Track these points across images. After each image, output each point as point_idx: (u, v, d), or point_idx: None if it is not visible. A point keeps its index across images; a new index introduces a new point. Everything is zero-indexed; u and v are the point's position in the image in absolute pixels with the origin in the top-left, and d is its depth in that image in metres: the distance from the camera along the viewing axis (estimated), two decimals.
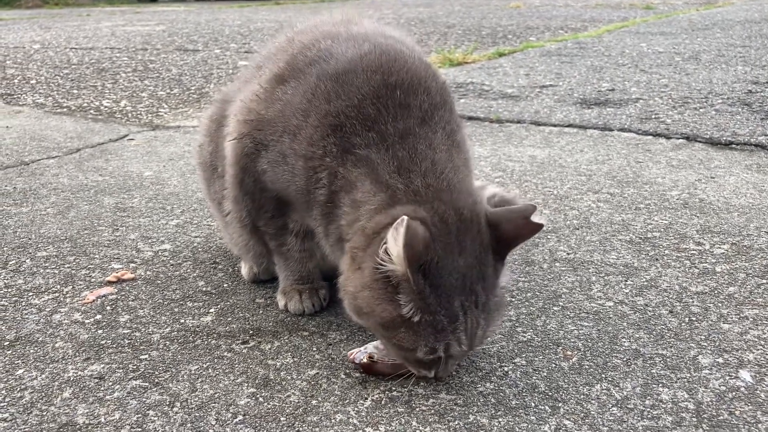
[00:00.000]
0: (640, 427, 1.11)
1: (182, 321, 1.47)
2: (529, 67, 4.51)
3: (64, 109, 3.75)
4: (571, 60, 4.76)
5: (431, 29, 6.71)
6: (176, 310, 1.52)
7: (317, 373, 1.27)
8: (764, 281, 1.59)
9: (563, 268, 1.68)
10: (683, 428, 1.11)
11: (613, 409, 1.16)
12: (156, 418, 1.15)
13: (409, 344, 1.13)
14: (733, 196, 2.14)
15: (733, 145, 2.68)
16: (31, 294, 1.60)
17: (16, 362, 1.32)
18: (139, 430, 1.13)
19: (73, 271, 1.71)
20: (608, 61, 4.68)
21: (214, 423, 1.14)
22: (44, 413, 1.17)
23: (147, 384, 1.25)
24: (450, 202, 1.14)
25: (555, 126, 3.08)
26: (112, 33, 7.02)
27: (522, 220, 1.14)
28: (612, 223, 1.95)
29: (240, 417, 1.15)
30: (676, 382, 1.22)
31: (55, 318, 1.49)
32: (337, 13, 1.52)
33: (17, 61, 5.28)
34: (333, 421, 1.14)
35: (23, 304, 1.55)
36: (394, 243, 1.05)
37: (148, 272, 1.71)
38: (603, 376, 1.25)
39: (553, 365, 1.29)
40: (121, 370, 1.29)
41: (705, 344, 1.34)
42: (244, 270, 1.65)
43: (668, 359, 1.30)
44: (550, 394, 1.20)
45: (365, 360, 1.26)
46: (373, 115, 1.21)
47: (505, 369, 1.28)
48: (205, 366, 1.30)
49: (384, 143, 1.20)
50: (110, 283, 1.65)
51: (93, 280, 1.67)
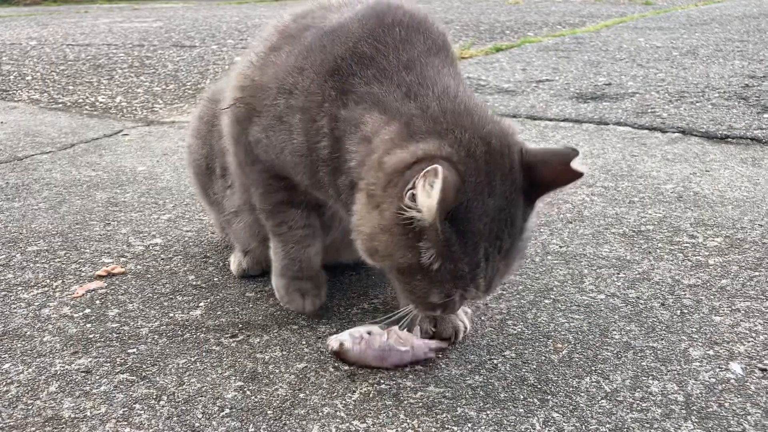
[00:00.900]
0: (629, 420, 1.10)
1: (171, 315, 1.46)
2: (526, 62, 4.50)
3: (59, 105, 3.74)
4: (568, 55, 4.74)
5: None
6: (166, 304, 1.51)
7: (306, 367, 1.27)
8: (756, 274, 1.58)
9: (555, 262, 1.67)
10: (672, 420, 1.10)
11: (603, 401, 1.15)
12: (142, 412, 1.15)
13: (423, 291, 1.08)
14: (728, 189, 2.13)
15: (729, 139, 2.67)
16: (20, 288, 1.59)
17: (2, 356, 1.31)
18: (125, 423, 1.12)
19: (63, 266, 1.71)
20: (605, 55, 4.66)
21: (200, 416, 1.13)
22: (30, 407, 1.16)
23: (134, 378, 1.24)
24: (474, 128, 1.06)
25: (551, 120, 3.07)
26: (109, 29, 7.00)
27: (561, 165, 1.04)
28: (605, 216, 1.94)
29: (227, 410, 1.15)
30: (666, 375, 1.22)
31: (44, 312, 1.48)
32: None
33: (13, 57, 5.27)
34: (320, 414, 1.13)
35: (12, 298, 1.54)
36: (425, 195, 0.97)
37: (138, 266, 1.70)
38: (593, 368, 1.24)
39: (543, 358, 1.28)
40: (108, 364, 1.28)
41: (696, 336, 1.33)
42: (233, 265, 1.64)
43: (659, 352, 1.29)
44: (539, 386, 1.19)
45: (335, 347, 1.26)
46: (369, 53, 1.17)
47: (495, 361, 1.27)
48: (193, 360, 1.30)
49: (385, 75, 1.14)
50: (100, 277, 1.64)
51: (83, 274, 1.66)
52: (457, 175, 1.00)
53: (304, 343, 1.35)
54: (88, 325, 1.42)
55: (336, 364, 1.27)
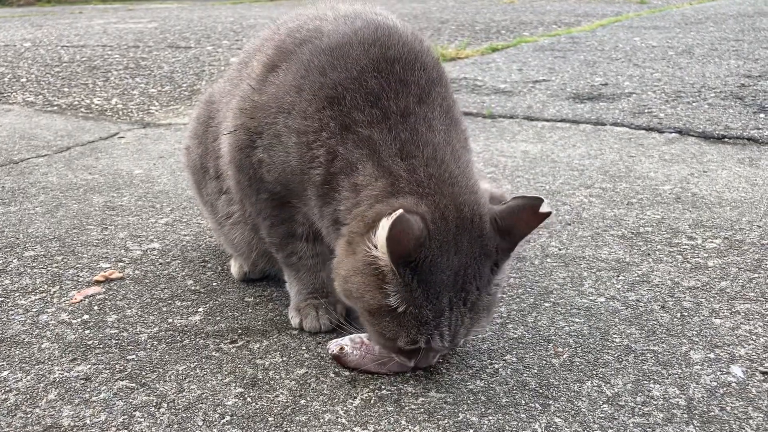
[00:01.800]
0: (631, 424, 1.10)
1: (170, 320, 1.46)
2: (522, 62, 4.50)
3: (55, 108, 3.73)
4: (564, 55, 4.74)
5: (425, 24, 6.69)
6: (164, 309, 1.50)
7: (306, 372, 1.26)
8: (756, 275, 1.58)
9: (555, 264, 1.67)
10: (674, 425, 1.10)
11: (604, 406, 1.15)
12: (142, 420, 1.14)
13: (391, 333, 1.13)
14: (726, 190, 2.13)
15: (726, 139, 2.68)
16: (17, 294, 1.58)
17: (1, 364, 1.30)
18: (125, 431, 1.11)
19: (60, 271, 1.70)
20: (601, 55, 4.67)
21: (201, 424, 1.13)
22: (29, 415, 1.15)
23: (134, 385, 1.23)
24: (452, 196, 1.13)
25: (547, 121, 3.07)
26: (104, 30, 6.97)
27: (531, 214, 1.12)
28: (604, 218, 1.94)
29: (228, 417, 1.14)
30: (667, 378, 1.22)
31: (42, 318, 1.47)
32: (323, 2, 1.49)
33: (7, 59, 5.24)
34: (321, 420, 1.13)
35: (9, 304, 1.53)
36: (382, 233, 1.04)
37: (136, 271, 1.69)
38: (594, 372, 1.24)
39: (544, 362, 1.28)
40: (107, 371, 1.28)
41: (697, 340, 1.33)
42: (234, 268, 1.64)
43: (660, 355, 1.29)
44: (541, 391, 1.19)
45: (336, 351, 1.26)
46: (377, 90, 1.18)
47: (496, 366, 1.27)
48: (192, 366, 1.29)
49: (387, 122, 1.17)
50: (98, 282, 1.63)
51: (81, 279, 1.65)
52: (424, 229, 1.07)
53: (304, 348, 1.34)
54: (87, 332, 1.42)
55: (337, 370, 1.27)
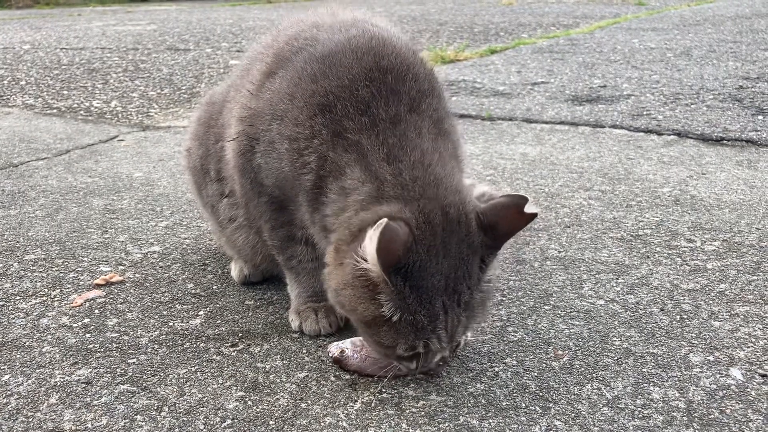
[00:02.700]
0: (631, 427, 1.10)
1: (171, 324, 1.46)
2: (521, 65, 4.50)
3: (54, 110, 3.73)
4: (562, 57, 4.75)
5: (423, 27, 6.70)
6: (165, 313, 1.51)
7: (307, 376, 1.26)
8: (755, 278, 1.59)
9: (554, 267, 1.67)
10: (674, 428, 1.10)
11: (604, 409, 1.15)
12: (144, 423, 1.14)
13: (389, 342, 1.13)
14: (724, 192, 2.13)
15: (724, 141, 2.68)
16: (18, 298, 1.58)
17: (2, 368, 1.31)
18: None
19: (61, 275, 1.70)
20: (600, 57, 4.67)
21: (202, 427, 1.13)
22: (30, 419, 1.15)
23: (135, 388, 1.24)
24: (436, 199, 1.13)
25: (546, 123, 3.07)
26: (103, 33, 6.98)
27: (516, 213, 1.12)
28: (603, 220, 1.95)
29: (228, 421, 1.14)
30: (667, 381, 1.22)
31: (43, 322, 1.47)
32: (323, 8, 1.50)
33: (6, 61, 5.24)
34: (322, 424, 1.13)
35: (10, 308, 1.54)
36: (370, 245, 1.03)
37: (136, 275, 1.69)
38: (594, 375, 1.24)
39: (544, 365, 1.28)
40: (108, 375, 1.28)
41: (696, 342, 1.34)
42: (234, 271, 1.64)
43: (659, 358, 1.29)
44: (541, 394, 1.19)
45: (336, 354, 1.26)
46: (367, 98, 1.19)
47: (496, 369, 1.27)
48: (193, 369, 1.29)
49: (375, 128, 1.18)
50: (98, 286, 1.63)
51: (81, 283, 1.65)
52: (410, 234, 1.07)
53: (304, 351, 1.35)
54: (88, 335, 1.42)
55: (337, 373, 1.27)
